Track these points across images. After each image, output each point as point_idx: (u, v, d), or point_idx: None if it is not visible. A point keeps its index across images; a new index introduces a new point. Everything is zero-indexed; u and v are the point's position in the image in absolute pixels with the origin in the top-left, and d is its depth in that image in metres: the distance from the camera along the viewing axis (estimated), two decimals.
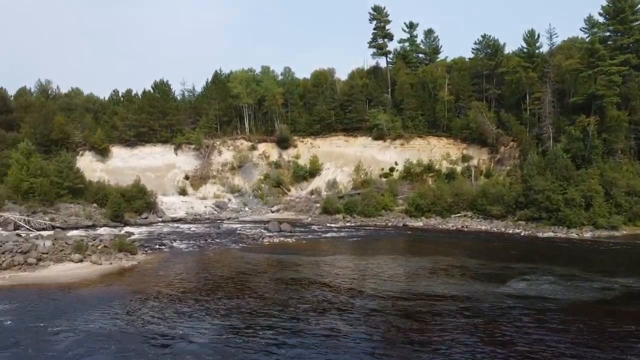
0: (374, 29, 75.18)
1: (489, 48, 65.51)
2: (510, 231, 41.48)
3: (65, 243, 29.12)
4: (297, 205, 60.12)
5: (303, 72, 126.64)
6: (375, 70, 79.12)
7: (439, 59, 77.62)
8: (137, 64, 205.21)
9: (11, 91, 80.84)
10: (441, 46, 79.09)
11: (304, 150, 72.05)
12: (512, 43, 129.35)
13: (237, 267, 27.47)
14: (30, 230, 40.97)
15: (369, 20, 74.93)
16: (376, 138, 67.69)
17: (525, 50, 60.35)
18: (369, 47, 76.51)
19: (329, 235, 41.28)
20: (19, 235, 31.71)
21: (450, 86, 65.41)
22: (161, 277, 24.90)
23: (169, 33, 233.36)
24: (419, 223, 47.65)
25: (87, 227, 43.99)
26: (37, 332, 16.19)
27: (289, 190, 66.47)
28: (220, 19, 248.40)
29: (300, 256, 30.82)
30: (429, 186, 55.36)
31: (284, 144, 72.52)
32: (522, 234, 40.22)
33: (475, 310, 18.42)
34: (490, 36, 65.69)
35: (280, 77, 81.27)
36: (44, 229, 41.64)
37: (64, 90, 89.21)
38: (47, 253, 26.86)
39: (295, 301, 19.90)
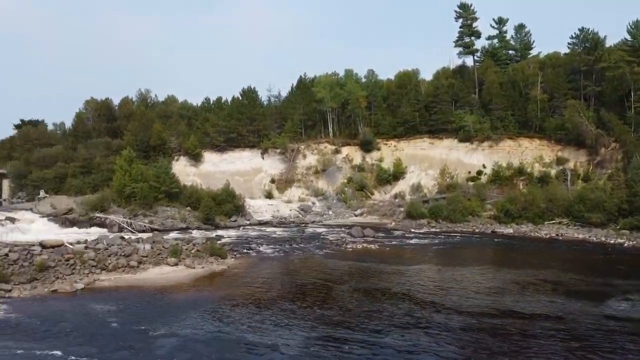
0: (460, 27, 72.93)
1: (588, 42, 61.15)
2: (612, 241, 38.38)
3: (163, 247, 31.13)
4: (380, 209, 59.78)
5: (387, 73, 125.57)
6: (461, 69, 76.75)
7: (530, 55, 73.77)
8: (225, 70, 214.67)
9: (116, 101, 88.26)
10: (533, 41, 75.21)
11: (388, 153, 71.49)
12: (614, 36, 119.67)
13: (321, 275, 27.86)
14: (132, 232, 44.41)
15: (455, 18, 72.86)
16: (462, 140, 65.72)
17: (629, 42, 55.60)
18: (455, 46, 74.45)
19: (412, 241, 40.66)
20: (122, 238, 34.30)
21: (544, 84, 61.91)
22: (249, 283, 25.86)
23: (256, 38, 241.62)
24: (508, 230, 45.52)
25: (181, 229, 46.84)
26: (141, 336, 17.43)
27: (372, 193, 66.30)
28: (303, 21, 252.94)
29: (383, 264, 30.63)
30: (519, 191, 52.79)
31: (367, 147, 72.44)
32: (626, 244, 37.06)
33: (571, 333, 17.28)
34: (588, 29, 61.35)
35: (363, 80, 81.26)
36: (143, 231, 44.97)
37: (161, 98, 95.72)
38: (146, 256, 28.93)
39: (378, 314, 19.82)
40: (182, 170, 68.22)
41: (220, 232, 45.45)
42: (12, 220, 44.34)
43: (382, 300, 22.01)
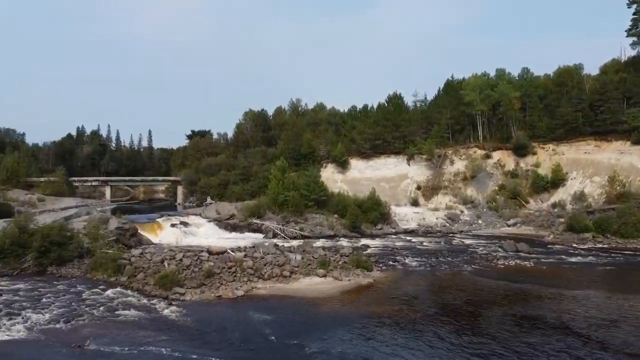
0: (634, 13, 64.71)
1: None
2: None
3: (312, 257, 32.76)
4: (536, 219, 55.42)
5: (544, 69, 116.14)
6: (635, 61, 67.85)
7: None
8: (371, 75, 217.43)
9: (270, 111, 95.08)
10: None
11: (545, 157, 66.09)
12: None
13: (469, 295, 26.81)
14: (285, 238, 47.36)
15: (627, 4, 64.67)
16: (637, 142, 58.03)
17: None
18: (627, 35, 66.51)
19: (574, 259, 36.96)
20: (276, 246, 36.87)
21: None
22: (394, 300, 25.90)
23: (402, 40, 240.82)
24: None
25: (329, 236, 48.64)
26: (296, 351, 18.50)
27: (527, 202, 61.76)
28: (451, 21, 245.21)
29: (539, 286, 28.40)
30: None
31: (521, 151, 67.76)
32: None
33: None
34: None
35: (516, 79, 76.12)
36: (295, 237, 47.68)
37: (311, 106, 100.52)
38: (297, 266, 30.69)
39: (531, 348, 18.48)
40: (330, 177, 70.76)
41: (365, 241, 46.22)
42: (185, 224, 50.15)
43: (537, 331, 20.47)
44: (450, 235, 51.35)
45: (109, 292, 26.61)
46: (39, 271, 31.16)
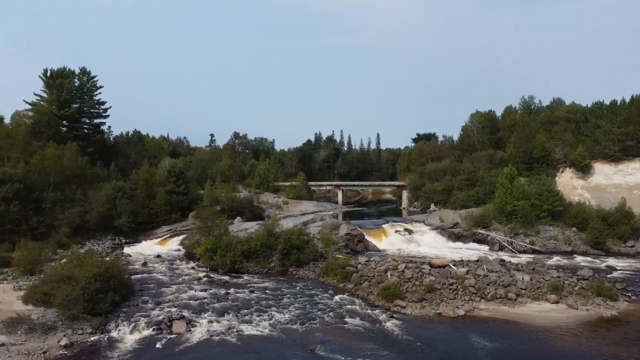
0: None
1: None
2: None
3: (542, 279, 29.97)
4: None
5: None
6: None
7: None
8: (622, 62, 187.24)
9: (499, 111, 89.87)
10: None
11: None
12: None
13: None
14: (512, 251, 44.55)
15: None
16: None
17: None
18: None
19: None
20: (502, 262, 34.80)
21: None
22: None
23: None
24: None
25: (564, 253, 43.98)
26: None
27: None
28: None
29: None
30: None
31: None
32: None
33: None
34: None
35: None
36: (524, 252, 44.53)
37: (545, 102, 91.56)
38: (524, 289, 28.50)
39: None
40: (568, 183, 63.50)
41: (611, 262, 40.24)
42: (409, 231, 51.19)
43: None
44: None
45: (337, 297, 29.02)
46: (281, 271, 35.93)
